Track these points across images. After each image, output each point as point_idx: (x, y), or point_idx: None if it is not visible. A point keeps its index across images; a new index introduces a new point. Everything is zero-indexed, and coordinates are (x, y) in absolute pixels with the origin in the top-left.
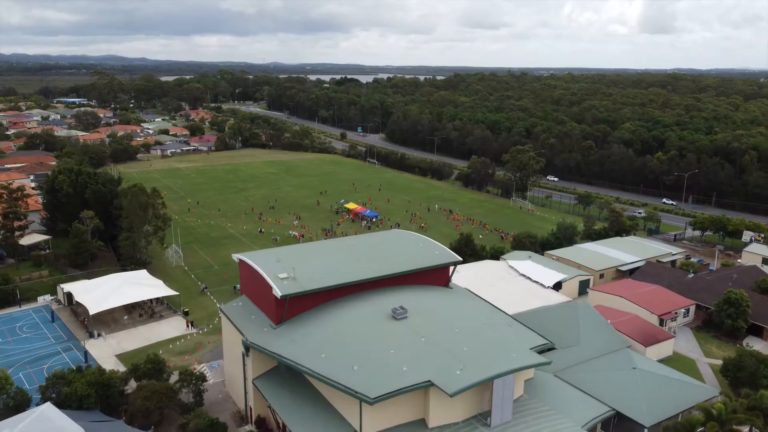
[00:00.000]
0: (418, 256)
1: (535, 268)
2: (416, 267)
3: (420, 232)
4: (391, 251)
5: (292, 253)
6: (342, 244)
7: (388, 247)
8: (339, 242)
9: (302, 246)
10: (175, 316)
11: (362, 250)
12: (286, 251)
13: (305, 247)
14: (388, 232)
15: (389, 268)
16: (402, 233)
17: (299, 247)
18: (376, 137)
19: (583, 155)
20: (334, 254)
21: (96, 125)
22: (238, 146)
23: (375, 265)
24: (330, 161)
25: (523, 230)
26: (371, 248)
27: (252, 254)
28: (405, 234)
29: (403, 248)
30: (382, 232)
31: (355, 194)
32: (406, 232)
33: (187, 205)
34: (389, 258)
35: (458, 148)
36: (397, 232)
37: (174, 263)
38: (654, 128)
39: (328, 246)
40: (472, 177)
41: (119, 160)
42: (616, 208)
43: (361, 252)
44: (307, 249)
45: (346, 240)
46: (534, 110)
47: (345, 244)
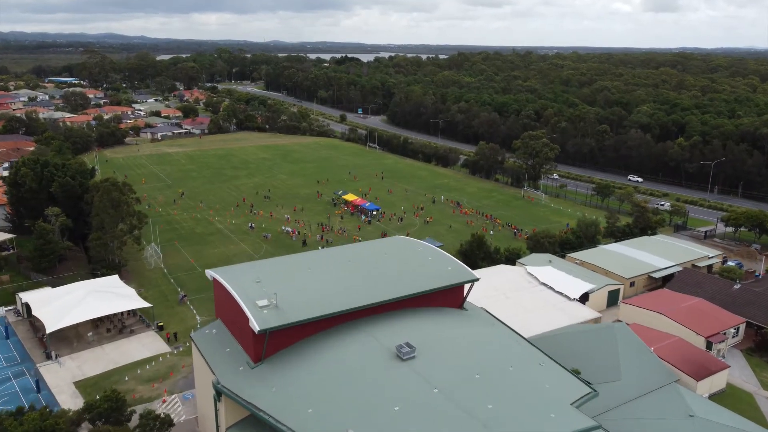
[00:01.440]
0: (427, 274)
1: (557, 275)
2: (424, 289)
3: (425, 227)
4: (395, 266)
5: (276, 268)
6: (335, 256)
7: (390, 261)
8: (332, 254)
9: (289, 259)
10: (148, 331)
11: (359, 265)
12: (269, 267)
13: (292, 261)
14: (391, 241)
15: (392, 291)
16: (407, 242)
17: (285, 261)
18: (376, 119)
19: (597, 140)
20: (325, 271)
21: (85, 106)
22: (232, 129)
23: (375, 285)
24: (328, 146)
25: (537, 224)
26: (370, 263)
27: (227, 272)
28: (410, 243)
29: (408, 262)
30: (383, 241)
31: (354, 183)
32: (411, 241)
33: (173, 195)
34: (392, 276)
35: (463, 132)
36: (401, 241)
37: (152, 265)
38: (672, 111)
39: (319, 259)
40: (480, 164)
41: (105, 145)
42: (640, 201)
43: (359, 268)
44: (294, 263)
45: (340, 251)
46: (543, 92)
47: (339, 257)
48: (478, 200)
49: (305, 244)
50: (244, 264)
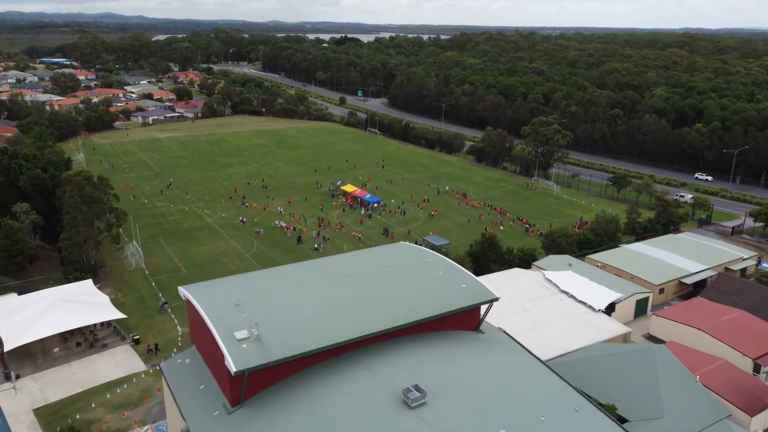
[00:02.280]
0: (438, 293)
1: (579, 282)
2: (435, 313)
3: (429, 221)
4: (399, 284)
5: (261, 285)
6: (330, 270)
7: (394, 277)
8: (326, 267)
9: (275, 273)
10: (123, 345)
11: (358, 282)
12: (252, 284)
13: (279, 276)
14: (394, 249)
15: (397, 316)
16: (413, 251)
17: (271, 275)
18: (377, 102)
19: (609, 126)
20: (318, 291)
21: (74, 88)
22: (227, 112)
23: (377, 310)
24: (326, 130)
25: (549, 218)
26: (371, 279)
27: (203, 290)
28: (417, 253)
29: (415, 278)
30: (386, 249)
31: (354, 172)
32: (418, 250)
33: (160, 185)
34: (397, 296)
35: (468, 116)
36: (406, 249)
37: (133, 265)
38: (688, 95)
39: (311, 274)
40: (486, 151)
41: (93, 129)
42: (662, 194)
43: (357, 286)
44: (282, 279)
45: (336, 263)
46: (550, 74)
47: (334, 271)
48: (485, 191)
49: (300, 241)
50: (223, 280)
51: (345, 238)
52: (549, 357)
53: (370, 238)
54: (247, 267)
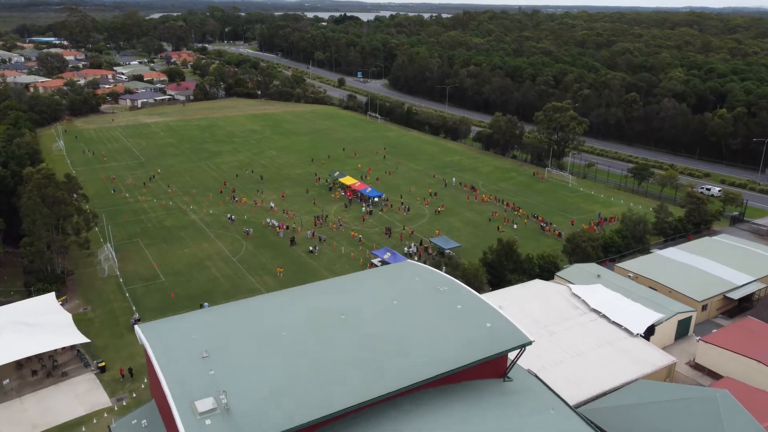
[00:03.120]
0: (457, 336)
1: (612, 299)
2: (454, 366)
3: (436, 218)
4: (409, 324)
5: (234, 329)
6: (322, 305)
7: (402, 314)
8: (316, 299)
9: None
10: (86, 373)
11: (357, 323)
12: (225, 324)
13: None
14: (400, 271)
15: (406, 373)
16: (422, 274)
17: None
18: (378, 84)
19: (624, 111)
20: (307, 336)
21: (61, 69)
22: (220, 95)
23: (380, 363)
24: (324, 115)
25: (566, 214)
26: (372, 318)
27: (162, 331)
28: (428, 278)
29: (428, 315)
30: (390, 272)
31: (353, 161)
32: (428, 273)
33: (144, 176)
34: (406, 341)
35: (473, 99)
36: (415, 272)
37: (106, 272)
38: (708, 78)
39: (299, 310)
40: (495, 138)
41: (77, 114)
42: (691, 187)
43: (356, 329)
44: (262, 319)
45: (330, 294)
46: (559, 54)
47: (327, 307)
48: (494, 182)
49: (294, 243)
50: (192, 316)
51: (343, 238)
52: (585, 398)
53: (370, 239)
54: (232, 273)
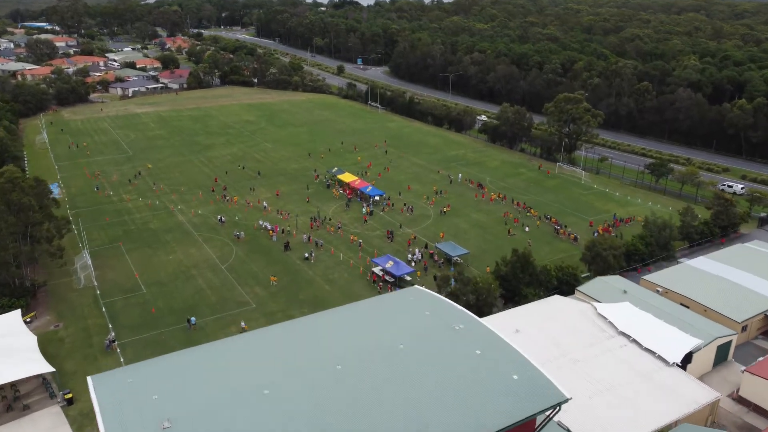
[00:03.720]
0: (478, 392)
1: (642, 320)
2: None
3: (441, 219)
4: (419, 376)
5: (207, 386)
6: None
7: (410, 363)
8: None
9: (233, 354)
10: (51, 406)
11: (356, 375)
12: (196, 378)
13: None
14: (406, 301)
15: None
16: (433, 306)
17: (224, 362)
18: (378, 71)
19: (636, 101)
20: (296, 394)
21: (51, 56)
22: (215, 83)
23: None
24: (323, 104)
25: (581, 214)
26: (375, 368)
27: (118, 392)
28: (438, 310)
29: (442, 364)
30: (395, 301)
31: (353, 155)
32: (440, 305)
33: (131, 172)
34: (416, 401)
35: (477, 87)
36: (424, 303)
37: (82, 282)
38: (724, 66)
39: (286, 358)
40: (502, 130)
41: (65, 103)
42: (713, 186)
43: (355, 384)
44: (242, 370)
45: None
46: (567, 41)
47: (319, 352)
48: (502, 179)
49: (288, 248)
50: (153, 365)
51: (342, 242)
52: None
53: (371, 244)
54: (220, 283)
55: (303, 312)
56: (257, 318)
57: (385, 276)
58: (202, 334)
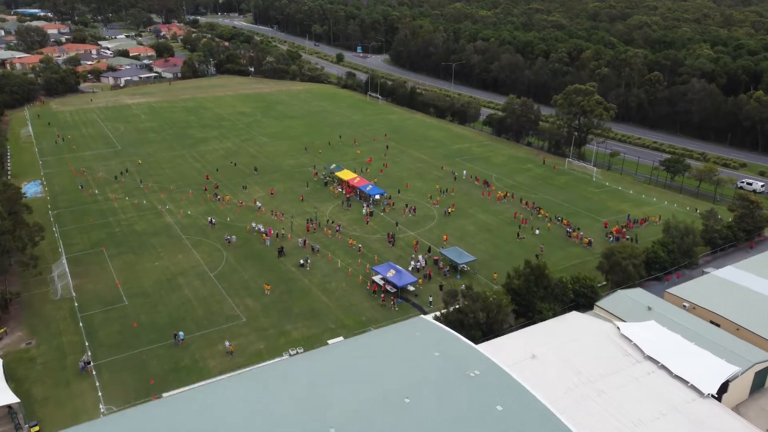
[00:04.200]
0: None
1: (671, 342)
2: None
3: (446, 220)
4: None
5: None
6: (303, 401)
7: (417, 423)
8: (295, 391)
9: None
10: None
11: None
12: None
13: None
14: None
15: None
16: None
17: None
18: (378, 59)
19: (647, 92)
20: None
21: (42, 44)
22: (210, 72)
23: None
24: (321, 95)
25: (593, 215)
26: (374, 427)
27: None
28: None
29: (455, 422)
30: (398, 337)
31: (351, 149)
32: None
33: (118, 168)
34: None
35: (480, 77)
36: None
37: (59, 293)
38: (737, 54)
39: (273, 415)
40: (507, 123)
41: (54, 93)
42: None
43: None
44: (219, 424)
45: (312, 382)
46: (573, 29)
47: (310, 405)
48: (509, 175)
49: (282, 253)
50: (120, 420)
51: (340, 246)
52: None
53: (371, 248)
54: (208, 294)
55: (297, 328)
56: (247, 334)
57: (386, 286)
58: (187, 354)
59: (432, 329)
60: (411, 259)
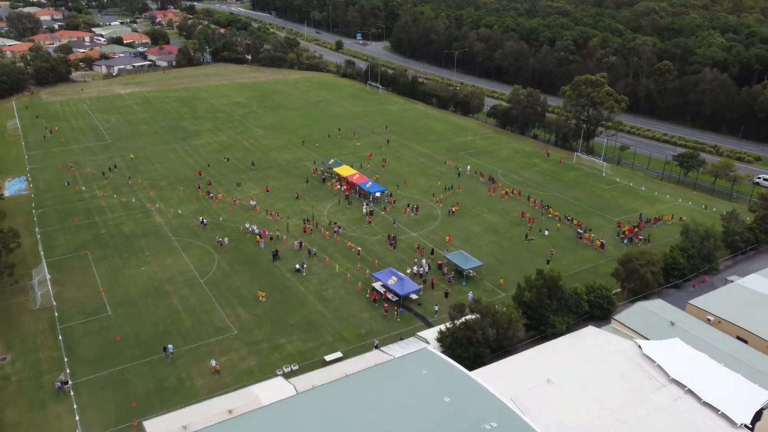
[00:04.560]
0: None
1: (698, 364)
2: None
3: (449, 220)
4: None
5: None
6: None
7: None
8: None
9: None
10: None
11: None
12: None
13: None
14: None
15: None
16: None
17: None
18: (378, 46)
19: (656, 82)
20: None
21: (34, 31)
22: (206, 60)
23: None
24: (320, 84)
25: (604, 213)
26: None
27: None
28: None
29: None
30: (402, 376)
31: (350, 142)
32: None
33: (106, 163)
34: None
35: (483, 65)
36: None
37: (38, 302)
38: (749, 42)
39: None
40: (513, 114)
41: (44, 83)
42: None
43: None
44: None
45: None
46: (579, 15)
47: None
48: (515, 171)
49: (277, 257)
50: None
51: (338, 249)
52: None
53: (371, 251)
54: (197, 303)
55: (292, 342)
56: (238, 349)
57: (387, 294)
58: (173, 372)
59: (440, 367)
60: (413, 264)
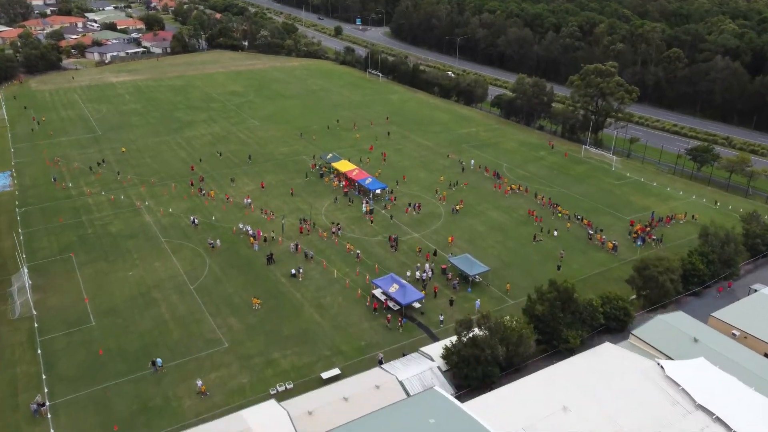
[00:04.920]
0: None
1: (727, 387)
2: None
3: (453, 219)
4: None
5: None
6: None
7: None
8: None
9: None
10: None
11: None
12: None
13: None
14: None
15: None
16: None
17: None
18: (378, 32)
19: (665, 70)
20: None
21: (25, 16)
22: (201, 47)
23: None
24: (318, 72)
25: (615, 211)
26: None
27: None
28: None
29: None
30: (406, 420)
31: (350, 134)
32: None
33: (95, 157)
34: None
35: (486, 52)
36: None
37: (17, 312)
38: (761, 29)
39: None
40: (517, 104)
41: (34, 71)
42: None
43: None
44: None
45: None
46: (585, 1)
47: None
48: (521, 165)
49: (272, 260)
50: None
51: (337, 252)
52: None
53: (371, 254)
54: (187, 312)
55: (286, 356)
56: (229, 364)
57: (388, 302)
58: (158, 391)
59: (449, 413)
60: (416, 268)
